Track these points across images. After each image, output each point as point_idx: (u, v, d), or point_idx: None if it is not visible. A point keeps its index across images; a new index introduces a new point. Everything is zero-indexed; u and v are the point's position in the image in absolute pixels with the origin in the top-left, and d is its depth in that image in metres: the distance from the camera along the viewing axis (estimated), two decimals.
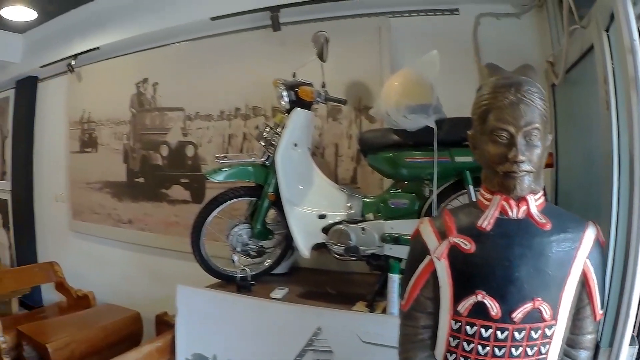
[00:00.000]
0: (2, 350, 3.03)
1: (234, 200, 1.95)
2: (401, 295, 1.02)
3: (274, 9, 2.34)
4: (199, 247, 1.99)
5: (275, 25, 2.38)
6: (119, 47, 3.17)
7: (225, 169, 1.88)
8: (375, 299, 1.68)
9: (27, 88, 4.31)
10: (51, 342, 2.89)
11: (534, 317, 0.87)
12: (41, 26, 3.80)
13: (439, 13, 2.16)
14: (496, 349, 0.89)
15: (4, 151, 4.82)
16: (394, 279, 1.55)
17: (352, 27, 2.26)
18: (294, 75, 1.97)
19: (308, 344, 1.60)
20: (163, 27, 2.79)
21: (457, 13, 2.13)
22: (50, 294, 4.28)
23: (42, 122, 4.29)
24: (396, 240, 1.73)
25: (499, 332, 0.89)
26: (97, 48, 3.24)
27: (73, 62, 3.53)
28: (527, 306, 0.87)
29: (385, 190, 1.89)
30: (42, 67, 3.86)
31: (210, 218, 1.95)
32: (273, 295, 1.83)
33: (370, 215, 1.83)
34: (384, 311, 1.61)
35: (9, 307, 3.99)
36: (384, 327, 1.47)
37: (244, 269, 1.97)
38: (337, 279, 2.11)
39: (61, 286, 3.75)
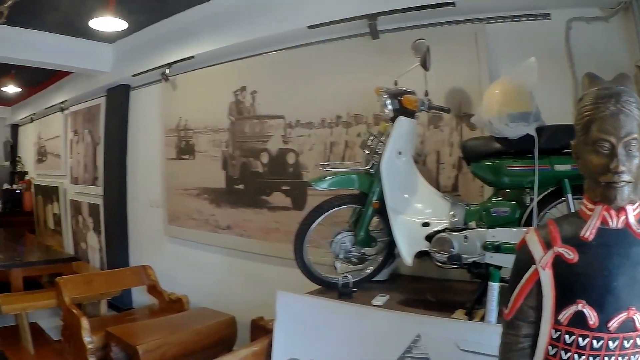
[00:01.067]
0: (88, 350, 3.87)
1: (339, 208, 2.40)
2: (503, 304, 1.25)
3: (372, 17, 2.86)
4: (302, 253, 2.43)
5: (374, 33, 2.91)
6: (214, 56, 3.93)
7: (329, 177, 2.36)
8: (474, 307, 2.00)
9: (118, 96, 5.35)
10: (142, 344, 3.44)
11: (628, 326, 1.06)
12: (131, 36, 4.76)
13: (532, 18, 2.54)
14: (591, 358, 1.08)
15: (95, 157, 5.88)
16: (494, 287, 1.85)
17: (449, 33, 2.72)
18: (395, 84, 2.44)
19: (406, 351, 1.89)
20: (259, 37, 3.45)
21: (548, 18, 2.50)
22: (140, 297, 5.33)
23: (135, 129, 5.30)
24: (497, 248, 2.03)
25: (594, 341, 1.08)
26: (192, 57, 4.01)
27: (167, 71, 4.35)
28: (622, 315, 1.05)
29: (487, 199, 2.29)
30: (134, 75, 4.82)
31: (314, 225, 2.39)
32: (374, 302, 2.21)
33: (473, 223, 2.18)
34: (482, 319, 1.89)
35: (97, 309, 5.04)
36: (482, 335, 1.73)
37: (346, 276, 2.37)
38: (437, 287, 2.53)
39: (154, 289, 4.66)
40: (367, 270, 2.52)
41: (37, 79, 7.17)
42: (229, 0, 3.69)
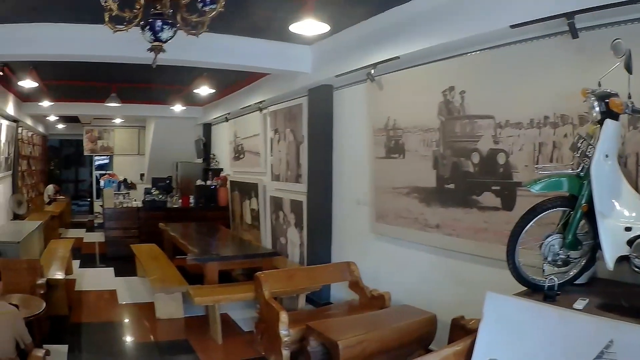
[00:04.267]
0: (283, 343, 4.91)
1: (551, 210, 2.97)
2: None
3: (569, 15, 3.51)
4: (513, 255, 3.00)
5: (573, 32, 3.59)
6: (419, 56, 4.95)
7: (542, 180, 2.92)
8: None
9: (321, 96, 6.80)
10: (343, 339, 4.15)
11: None
12: (330, 38, 6.04)
13: None
14: None
15: (299, 155, 7.39)
16: None
17: None
18: (599, 85, 3.05)
19: (598, 356, 2.27)
20: (463, 37, 4.34)
21: None
22: (339, 292, 6.76)
23: (340, 128, 6.68)
24: None
25: None
26: (397, 57, 5.06)
27: (372, 71, 5.50)
28: None
29: None
30: (337, 76, 6.11)
31: (527, 227, 2.96)
32: (576, 305, 2.69)
33: None
34: None
35: (295, 303, 6.40)
36: None
37: (552, 279, 2.91)
38: (633, 292, 2.94)
39: (355, 285, 5.86)
40: (570, 273, 3.10)
41: (230, 81, 9.22)
42: (429, 0, 4.61)
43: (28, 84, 8.22)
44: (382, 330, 4.50)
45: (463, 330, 3.92)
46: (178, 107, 12.02)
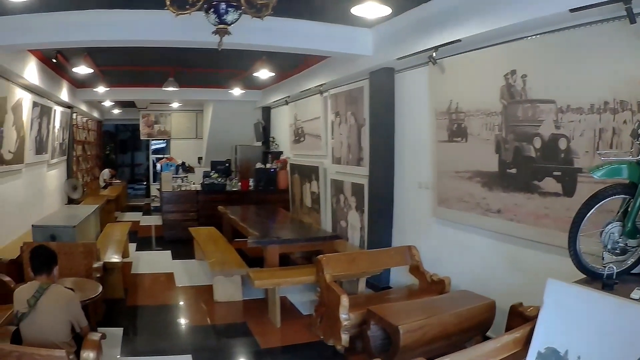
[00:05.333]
0: (343, 327, 5.17)
1: (612, 197, 3.11)
2: None
3: (626, 1, 3.68)
4: (575, 242, 3.15)
5: (631, 17, 3.75)
6: (481, 39, 5.21)
7: (603, 167, 3.08)
8: None
9: (382, 79, 7.19)
10: (404, 323, 4.39)
11: None
12: (391, 20, 6.38)
13: None
14: None
15: (360, 138, 7.84)
16: None
17: None
18: None
19: None
20: (523, 20, 4.54)
21: None
22: (398, 276, 7.16)
23: (402, 111, 7.07)
24: None
25: None
26: (459, 40, 5.35)
27: (434, 54, 5.81)
28: None
29: None
30: (398, 59, 6.44)
31: (589, 214, 3.11)
32: (633, 295, 2.79)
33: None
34: None
35: (355, 287, 6.75)
36: None
37: (611, 267, 3.04)
38: None
39: (416, 270, 6.18)
40: (628, 262, 3.23)
41: (290, 64, 9.70)
42: None
43: (83, 70, 8.84)
44: (442, 315, 4.74)
45: (521, 317, 4.11)
46: (237, 91, 12.55)
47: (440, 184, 6.14)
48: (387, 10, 5.75)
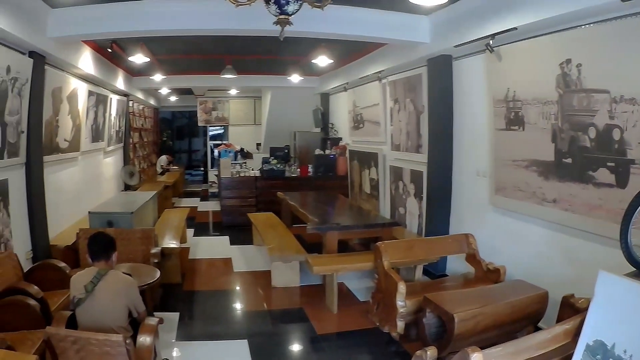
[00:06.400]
0: (399, 314, 5.36)
1: None
2: None
3: None
4: (627, 234, 3.16)
5: None
6: (536, 27, 5.37)
7: None
8: None
9: (440, 66, 7.48)
10: (459, 312, 4.56)
11: None
12: (448, 7, 6.61)
13: None
14: None
15: (419, 125, 8.17)
16: None
17: None
18: None
19: None
20: (577, 9, 4.69)
21: None
22: (454, 264, 7.46)
23: (460, 98, 7.34)
24: None
25: None
26: (515, 28, 5.54)
27: (491, 42, 6.03)
28: None
29: None
30: (456, 46, 6.69)
31: None
32: None
33: None
34: None
35: (411, 274, 7.04)
36: None
37: None
38: None
39: (472, 258, 6.42)
40: None
41: (348, 51, 10.03)
42: None
43: (139, 59, 9.28)
44: (496, 305, 4.88)
45: (572, 309, 4.29)
46: (295, 78, 12.90)
47: (497, 172, 6.37)
48: None
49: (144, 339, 4.00)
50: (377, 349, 5.62)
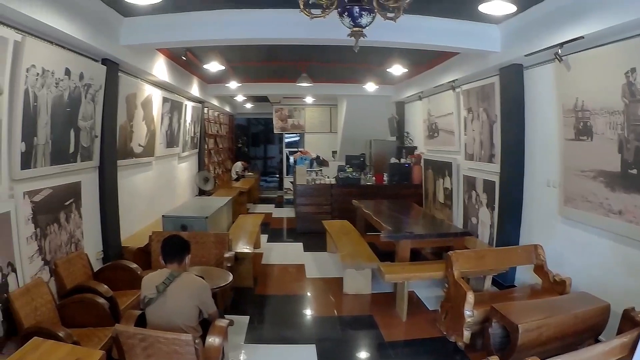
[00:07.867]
0: (466, 323, 5.55)
1: None
2: None
3: None
4: None
5: None
6: (602, 35, 5.54)
7: None
8: None
9: (512, 75, 7.76)
10: (523, 322, 4.74)
11: None
12: (517, 16, 6.88)
13: None
14: None
15: (492, 135, 8.46)
16: None
17: None
18: None
19: None
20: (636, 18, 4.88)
21: None
22: (522, 275, 7.64)
23: (532, 108, 7.59)
24: None
25: None
26: (582, 37, 5.75)
27: (559, 51, 6.29)
28: None
29: None
30: (526, 55, 6.95)
31: None
32: None
33: None
34: None
35: (480, 284, 7.18)
36: None
37: None
38: None
39: (540, 269, 6.61)
40: None
41: (422, 60, 10.43)
42: None
43: (214, 67, 9.89)
44: (559, 316, 5.04)
45: (632, 322, 4.40)
46: (370, 86, 13.32)
47: (566, 183, 6.56)
48: (512, 8, 6.30)
49: (213, 340, 4.20)
50: (442, 358, 5.83)
